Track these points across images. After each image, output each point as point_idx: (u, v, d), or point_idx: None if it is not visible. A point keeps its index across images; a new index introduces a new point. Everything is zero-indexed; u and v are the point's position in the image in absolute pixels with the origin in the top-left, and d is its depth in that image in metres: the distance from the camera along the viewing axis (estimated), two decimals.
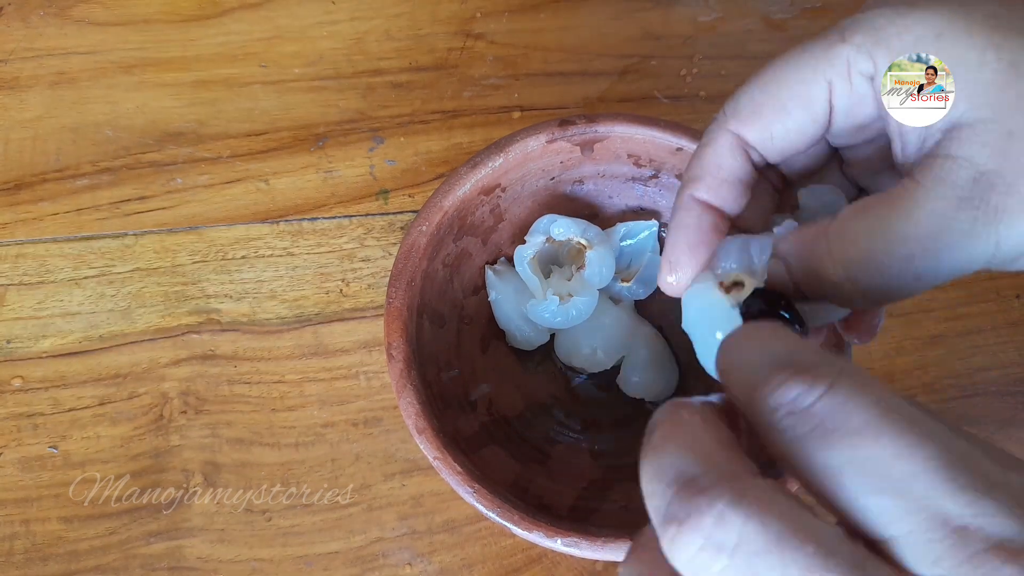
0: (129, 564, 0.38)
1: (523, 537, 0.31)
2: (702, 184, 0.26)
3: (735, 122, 0.26)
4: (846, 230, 0.23)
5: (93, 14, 0.50)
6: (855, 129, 0.26)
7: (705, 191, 0.26)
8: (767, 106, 0.26)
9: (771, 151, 0.26)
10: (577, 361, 0.39)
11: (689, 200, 0.27)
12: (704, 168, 0.27)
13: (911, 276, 0.22)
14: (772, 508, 0.16)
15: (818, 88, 0.25)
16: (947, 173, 0.22)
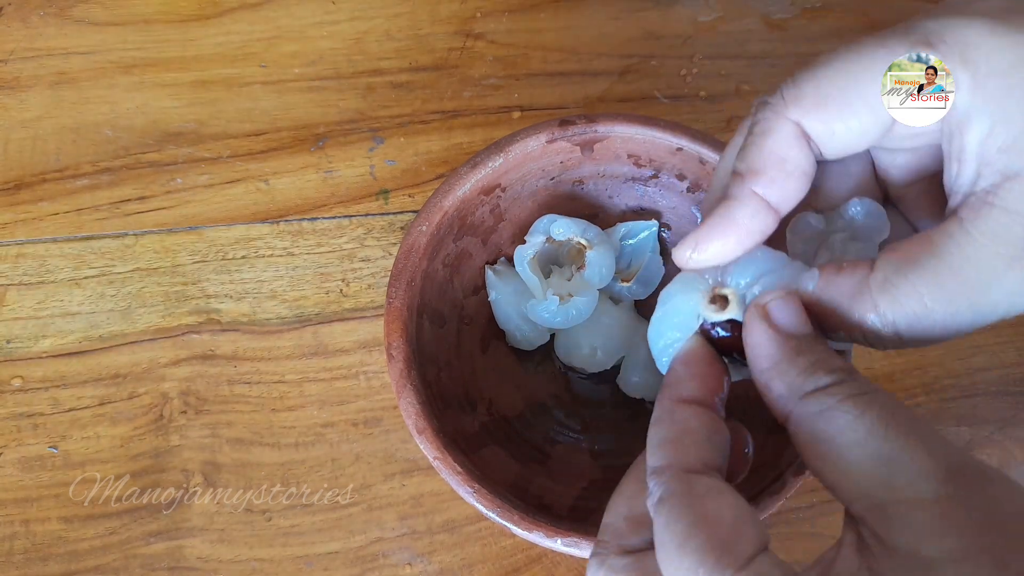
0: (129, 564, 0.38)
1: (523, 537, 0.31)
2: (765, 177, 0.24)
3: (796, 109, 0.24)
4: (892, 288, 0.22)
5: (93, 14, 0.50)
6: (911, 135, 0.24)
7: (768, 185, 0.24)
8: (834, 98, 0.23)
9: (829, 150, 0.24)
10: (577, 361, 0.39)
11: (750, 194, 0.24)
12: (767, 159, 0.24)
13: (953, 327, 0.22)
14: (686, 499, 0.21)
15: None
16: (1002, 229, 0.21)
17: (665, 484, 0.22)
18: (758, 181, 0.24)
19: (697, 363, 0.25)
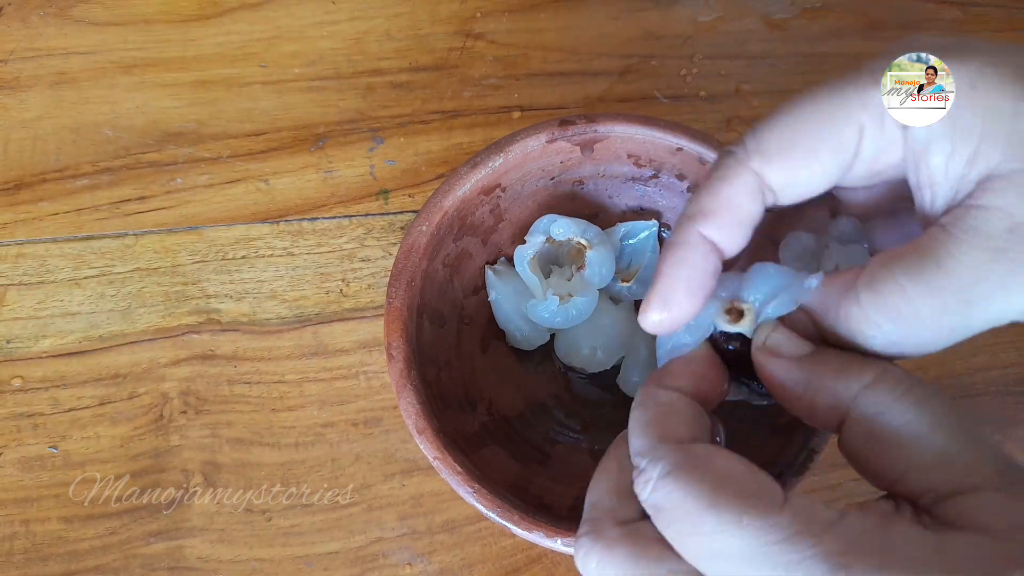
0: (129, 564, 0.38)
1: (523, 537, 0.31)
2: (714, 222, 0.25)
3: (759, 161, 0.24)
4: (875, 283, 0.23)
5: (93, 14, 0.50)
6: (869, 175, 0.25)
7: (716, 230, 0.25)
8: (797, 148, 0.24)
9: (788, 196, 0.25)
10: (577, 361, 0.39)
11: (697, 237, 0.25)
12: (719, 205, 0.25)
13: (945, 329, 0.22)
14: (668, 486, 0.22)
15: (850, 131, 0.24)
16: (981, 223, 0.22)
17: (664, 458, 0.22)
18: (707, 224, 0.25)
19: (698, 364, 0.26)
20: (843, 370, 0.23)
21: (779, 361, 0.24)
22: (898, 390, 0.22)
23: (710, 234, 0.25)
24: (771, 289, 0.25)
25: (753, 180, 0.25)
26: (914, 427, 0.21)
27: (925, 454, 0.21)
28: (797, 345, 0.24)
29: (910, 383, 0.22)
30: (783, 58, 0.49)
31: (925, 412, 0.21)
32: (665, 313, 0.25)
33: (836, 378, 0.23)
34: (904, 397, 0.22)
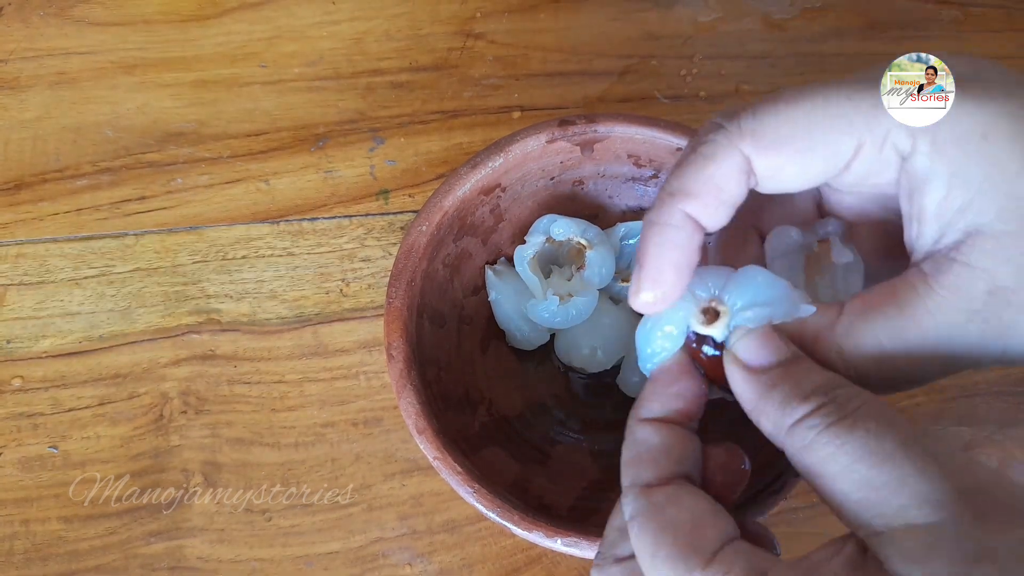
0: (129, 564, 0.38)
1: (523, 537, 0.31)
2: (699, 202, 0.24)
3: (750, 144, 0.24)
4: (854, 335, 0.23)
5: (93, 14, 0.50)
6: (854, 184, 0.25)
7: (701, 209, 0.24)
8: (792, 142, 0.24)
9: (768, 186, 0.25)
10: (577, 361, 0.39)
11: (681, 216, 0.24)
12: (704, 185, 0.24)
13: (917, 375, 0.23)
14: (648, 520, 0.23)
15: (847, 145, 0.23)
16: (964, 283, 0.22)
17: (632, 503, 0.23)
18: (692, 204, 0.24)
19: (670, 382, 0.26)
20: (786, 399, 0.22)
21: (738, 372, 0.24)
22: (820, 425, 0.21)
23: (694, 212, 0.24)
24: (756, 297, 0.25)
25: (741, 162, 0.24)
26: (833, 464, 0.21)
27: (848, 491, 0.20)
28: (761, 354, 0.24)
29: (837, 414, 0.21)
30: (783, 58, 0.49)
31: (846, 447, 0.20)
32: (657, 291, 0.25)
33: (779, 406, 0.22)
34: (823, 433, 0.21)
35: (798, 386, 0.22)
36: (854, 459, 0.20)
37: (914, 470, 0.20)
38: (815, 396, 0.22)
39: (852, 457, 0.20)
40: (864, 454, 0.20)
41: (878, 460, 0.20)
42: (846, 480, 0.20)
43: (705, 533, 0.22)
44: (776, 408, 0.22)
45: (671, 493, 0.23)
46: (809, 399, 0.22)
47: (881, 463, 0.20)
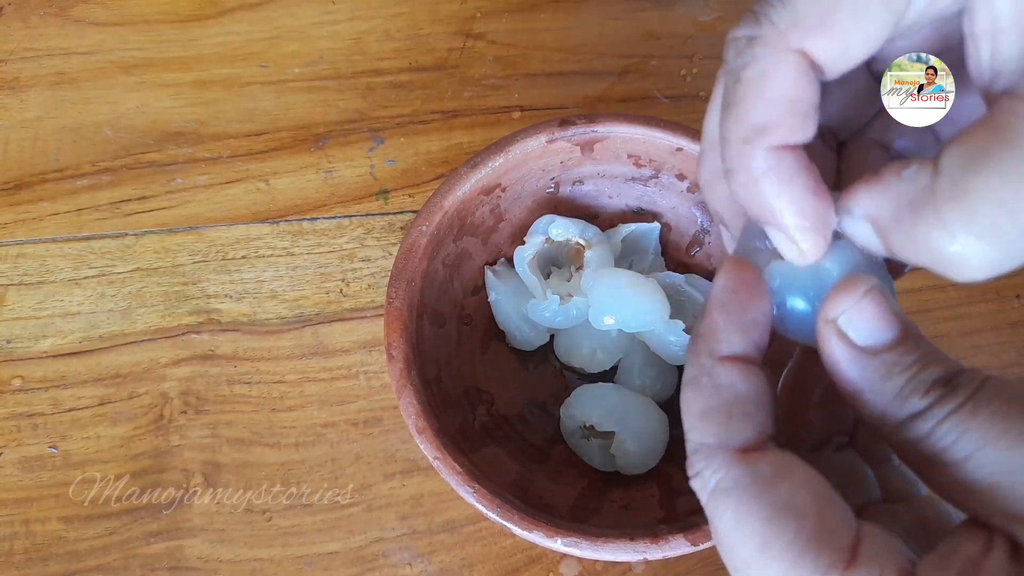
0: (129, 564, 0.38)
1: (523, 537, 0.31)
2: (782, 128, 0.20)
3: (797, 34, 0.19)
4: (962, 185, 0.17)
5: (93, 14, 0.50)
6: (918, 27, 0.20)
7: (789, 133, 0.20)
8: (842, 7, 0.19)
9: (839, 65, 0.20)
10: (577, 361, 0.39)
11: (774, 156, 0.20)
12: (776, 107, 0.20)
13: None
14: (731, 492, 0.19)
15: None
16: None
17: (723, 471, 0.19)
18: (774, 135, 0.20)
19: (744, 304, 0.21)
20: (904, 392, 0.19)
21: (844, 350, 0.20)
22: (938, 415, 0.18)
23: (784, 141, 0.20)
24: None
25: (800, 60, 0.20)
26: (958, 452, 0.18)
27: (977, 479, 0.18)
28: (874, 333, 0.19)
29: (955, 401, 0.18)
30: None
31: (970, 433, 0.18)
32: (815, 234, 0.20)
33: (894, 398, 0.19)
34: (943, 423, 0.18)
35: (918, 378, 0.19)
36: (981, 444, 0.18)
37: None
38: (936, 388, 0.19)
39: (979, 442, 0.18)
40: (992, 436, 0.18)
41: (1009, 441, 0.17)
42: (974, 467, 0.18)
43: (834, 519, 0.18)
44: (890, 400, 0.19)
45: (779, 463, 0.19)
46: (930, 393, 0.19)
47: (1013, 444, 0.17)
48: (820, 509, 0.18)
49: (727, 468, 0.19)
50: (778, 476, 0.18)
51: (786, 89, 0.20)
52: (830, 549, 0.17)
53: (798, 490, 0.18)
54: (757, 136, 0.20)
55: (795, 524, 0.18)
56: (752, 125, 0.20)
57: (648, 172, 0.40)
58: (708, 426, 0.20)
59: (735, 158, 0.20)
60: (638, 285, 0.36)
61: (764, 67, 0.20)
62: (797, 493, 0.18)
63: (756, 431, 0.20)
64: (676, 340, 0.36)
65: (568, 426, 0.37)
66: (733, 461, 0.19)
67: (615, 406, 0.36)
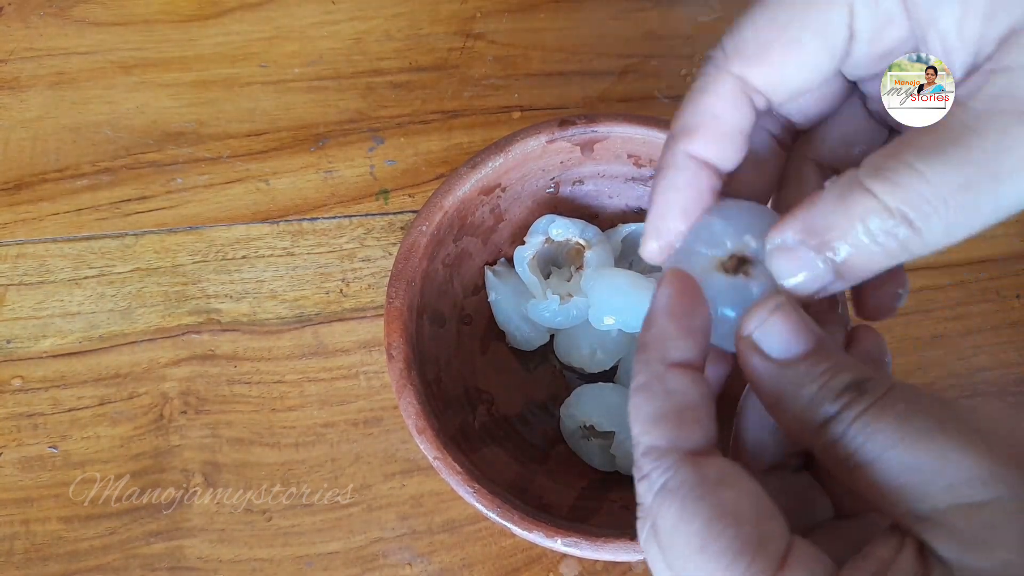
0: (129, 564, 0.38)
1: (523, 537, 0.31)
2: (698, 138, 0.23)
3: (739, 63, 0.22)
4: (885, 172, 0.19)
5: (93, 14, 0.50)
6: (879, 57, 0.22)
7: (702, 146, 0.23)
8: (777, 41, 0.21)
9: (779, 94, 0.23)
10: (577, 361, 0.39)
11: (683, 157, 0.23)
12: (701, 119, 0.23)
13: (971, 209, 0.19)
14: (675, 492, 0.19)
15: (836, 13, 0.21)
16: (1005, 86, 0.19)
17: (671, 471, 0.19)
18: (692, 142, 0.23)
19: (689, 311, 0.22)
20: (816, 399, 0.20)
21: (759, 363, 0.21)
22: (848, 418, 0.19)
23: (697, 151, 0.23)
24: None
25: (735, 85, 0.22)
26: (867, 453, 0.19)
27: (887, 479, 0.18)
28: (787, 346, 0.21)
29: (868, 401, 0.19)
30: None
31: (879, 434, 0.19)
32: (660, 240, 0.23)
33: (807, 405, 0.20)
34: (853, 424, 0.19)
35: (829, 385, 0.20)
36: (887, 445, 0.18)
37: (955, 446, 0.18)
38: (846, 394, 0.20)
39: (885, 444, 0.18)
40: (897, 438, 0.18)
41: (912, 441, 0.18)
42: (883, 468, 0.18)
43: (771, 528, 0.18)
44: (805, 407, 0.20)
45: (724, 469, 0.20)
46: (840, 397, 0.20)
47: (916, 443, 0.18)
48: (758, 517, 0.19)
49: (676, 469, 0.20)
50: (722, 482, 0.19)
51: (714, 105, 0.22)
52: (763, 555, 0.18)
53: (740, 498, 0.19)
54: (681, 135, 0.23)
55: (734, 529, 0.18)
56: (680, 126, 0.23)
57: (648, 172, 0.40)
58: (660, 430, 0.20)
59: (664, 147, 0.23)
60: (638, 285, 0.36)
61: (706, 83, 0.23)
62: (739, 500, 0.19)
63: (705, 436, 0.20)
64: None
65: (568, 426, 0.37)
66: (682, 463, 0.20)
67: (615, 406, 0.36)
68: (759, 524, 0.18)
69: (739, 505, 0.19)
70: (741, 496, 0.19)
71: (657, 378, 0.21)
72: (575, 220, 0.38)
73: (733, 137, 0.23)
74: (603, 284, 0.36)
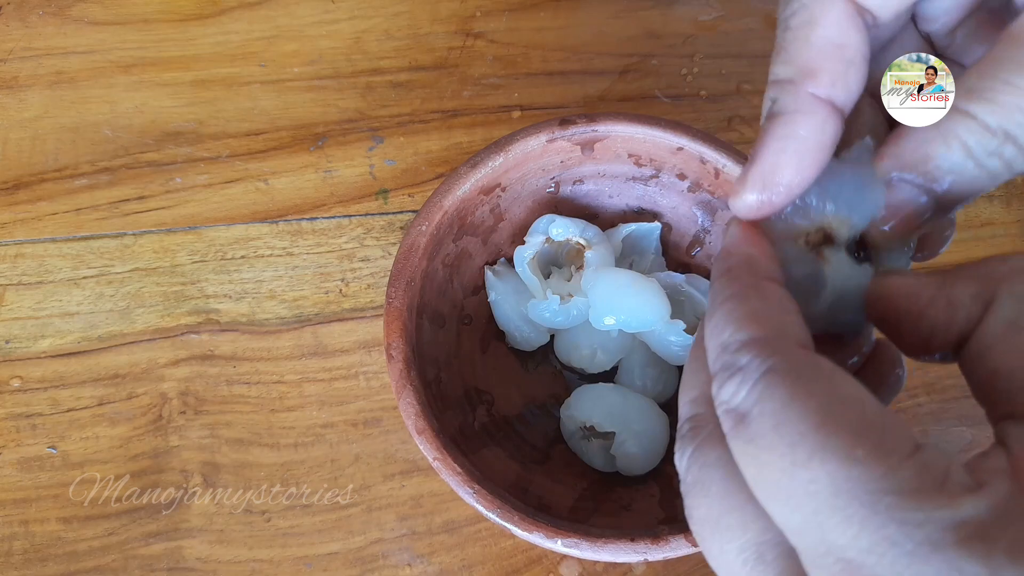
0: (128, 565, 0.38)
1: (523, 538, 0.31)
2: (825, 75, 0.20)
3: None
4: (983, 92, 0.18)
5: (92, 14, 0.50)
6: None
7: (830, 84, 0.20)
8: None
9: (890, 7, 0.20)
10: (577, 361, 0.39)
11: (809, 100, 0.20)
12: (821, 52, 0.20)
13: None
14: (794, 387, 0.16)
15: None
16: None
17: (778, 356, 0.17)
18: (818, 82, 0.20)
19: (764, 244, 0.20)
20: (982, 265, 0.19)
21: (902, 275, 0.20)
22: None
23: (824, 91, 0.20)
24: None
25: (847, 6, 0.20)
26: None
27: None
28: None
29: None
30: None
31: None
32: (766, 193, 0.20)
33: (976, 270, 0.19)
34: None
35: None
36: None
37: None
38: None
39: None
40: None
41: None
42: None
43: (897, 423, 0.16)
44: (976, 268, 0.19)
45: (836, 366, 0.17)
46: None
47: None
48: (881, 408, 0.17)
49: (783, 352, 0.17)
50: (839, 373, 0.17)
51: (832, 34, 0.20)
52: (894, 437, 0.16)
53: (860, 389, 0.17)
54: (802, 77, 0.20)
55: (859, 408, 0.16)
56: (799, 67, 0.20)
57: (649, 172, 0.40)
58: (761, 323, 0.18)
59: (778, 95, 0.20)
60: (638, 285, 0.36)
61: (811, 13, 0.20)
62: (859, 390, 0.17)
63: (808, 340, 0.18)
64: (677, 340, 0.36)
65: (568, 426, 0.37)
66: (788, 347, 0.17)
67: (615, 406, 0.36)
68: (885, 414, 0.16)
69: (860, 393, 0.17)
70: (860, 389, 0.17)
71: (751, 286, 0.19)
72: (575, 220, 0.38)
73: (860, 67, 0.20)
74: (603, 284, 0.36)
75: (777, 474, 0.16)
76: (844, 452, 0.15)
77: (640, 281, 0.36)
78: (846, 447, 0.15)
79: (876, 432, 0.16)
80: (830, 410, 0.16)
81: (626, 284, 0.36)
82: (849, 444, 0.15)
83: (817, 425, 0.16)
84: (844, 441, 0.15)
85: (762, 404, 0.17)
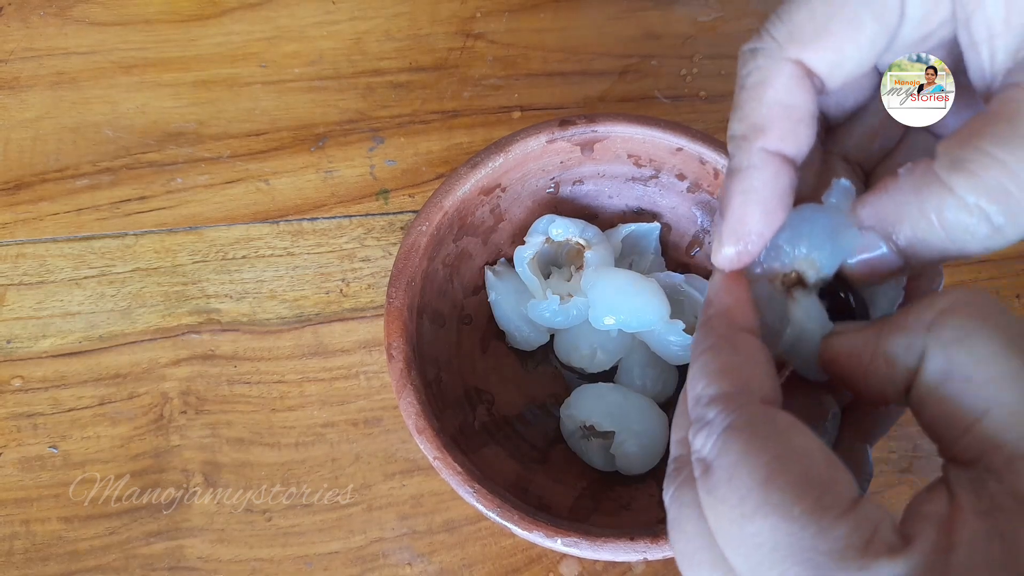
0: (129, 564, 0.38)
1: (523, 537, 0.31)
2: (774, 132, 0.21)
3: (795, 47, 0.21)
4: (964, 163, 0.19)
5: (93, 14, 0.50)
6: (918, 41, 0.22)
7: (779, 140, 0.21)
8: (836, 21, 0.21)
9: (836, 77, 0.22)
10: (577, 361, 0.39)
11: (760, 155, 0.21)
12: (771, 112, 0.21)
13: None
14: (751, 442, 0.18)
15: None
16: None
17: (736, 411, 0.19)
18: (768, 138, 0.21)
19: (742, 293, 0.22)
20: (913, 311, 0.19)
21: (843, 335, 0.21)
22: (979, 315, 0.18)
23: (774, 146, 0.22)
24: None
25: (795, 69, 0.21)
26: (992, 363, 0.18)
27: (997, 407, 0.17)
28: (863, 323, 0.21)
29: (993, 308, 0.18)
30: None
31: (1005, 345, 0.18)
32: (741, 244, 0.22)
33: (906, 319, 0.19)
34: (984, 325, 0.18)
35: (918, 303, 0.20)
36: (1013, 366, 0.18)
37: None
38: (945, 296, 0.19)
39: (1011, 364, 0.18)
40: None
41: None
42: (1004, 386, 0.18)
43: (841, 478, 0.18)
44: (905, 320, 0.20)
45: (795, 423, 0.19)
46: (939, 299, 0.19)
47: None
48: (828, 463, 0.18)
49: (744, 409, 0.19)
50: (793, 427, 0.18)
51: (781, 95, 0.21)
52: (832, 494, 0.17)
53: (810, 443, 0.18)
54: (754, 134, 0.22)
55: (803, 466, 0.17)
56: (751, 124, 0.22)
57: (648, 172, 0.40)
58: (729, 379, 0.20)
59: (732, 152, 0.22)
60: (638, 285, 0.36)
61: (763, 75, 0.22)
62: (809, 445, 0.18)
63: (773, 391, 0.20)
64: (676, 340, 0.36)
65: (568, 426, 0.37)
66: (752, 405, 0.19)
67: (615, 406, 0.36)
68: (829, 469, 0.18)
69: (809, 448, 0.18)
70: (811, 443, 0.18)
71: (725, 339, 0.21)
72: (575, 220, 0.38)
73: (808, 124, 0.22)
74: (603, 284, 0.36)
75: (727, 524, 0.18)
76: (785, 508, 0.17)
77: (640, 281, 0.36)
78: (787, 503, 0.17)
79: (817, 488, 0.17)
80: (777, 465, 0.17)
81: (626, 284, 0.36)
82: (791, 500, 0.17)
83: (764, 480, 0.17)
84: (786, 497, 0.17)
85: (720, 457, 0.18)
